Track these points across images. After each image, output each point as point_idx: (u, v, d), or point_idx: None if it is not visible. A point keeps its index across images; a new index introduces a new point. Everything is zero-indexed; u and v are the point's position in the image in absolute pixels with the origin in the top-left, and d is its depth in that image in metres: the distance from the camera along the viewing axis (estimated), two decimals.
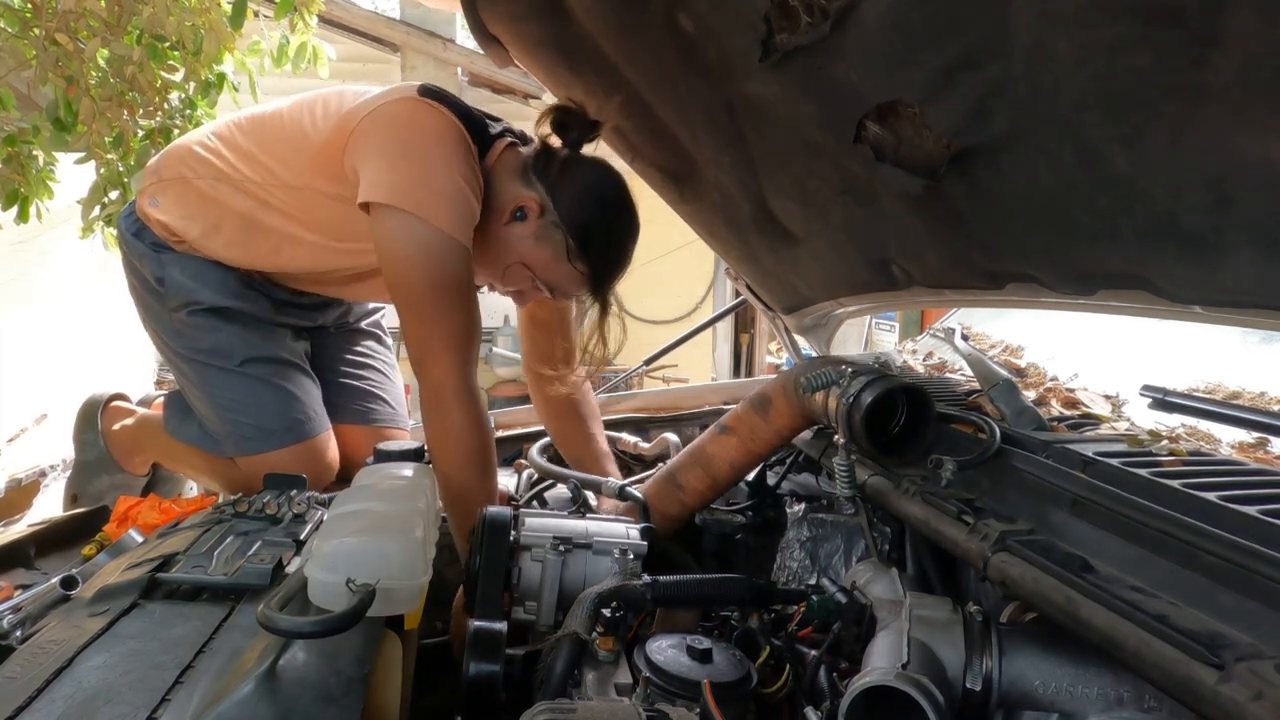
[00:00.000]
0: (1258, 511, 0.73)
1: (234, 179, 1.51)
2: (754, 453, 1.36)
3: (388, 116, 1.36)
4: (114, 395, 1.93)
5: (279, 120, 1.52)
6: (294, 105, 1.53)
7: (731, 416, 1.39)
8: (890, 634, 0.87)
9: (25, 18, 2.54)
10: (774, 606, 1.17)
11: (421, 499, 1.03)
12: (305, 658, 0.78)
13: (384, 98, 1.39)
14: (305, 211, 1.50)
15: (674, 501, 1.40)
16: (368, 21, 6.57)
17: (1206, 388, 1.45)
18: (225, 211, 1.53)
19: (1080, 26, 0.69)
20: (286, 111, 1.53)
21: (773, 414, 1.32)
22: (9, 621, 0.93)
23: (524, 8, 1.28)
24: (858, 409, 1.11)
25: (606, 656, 0.90)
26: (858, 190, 1.13)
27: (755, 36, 0.96)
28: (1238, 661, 0.60)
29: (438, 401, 1.34)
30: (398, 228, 1.31)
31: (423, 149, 1.33)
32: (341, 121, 1.41)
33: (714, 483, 1.38)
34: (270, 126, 1.53)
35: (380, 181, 1.32)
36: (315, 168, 1.45)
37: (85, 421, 1.86)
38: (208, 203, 1.53)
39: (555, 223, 1.39)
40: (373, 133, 1.36)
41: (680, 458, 1.44)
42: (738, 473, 1.38)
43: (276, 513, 1.16)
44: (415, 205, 1.30)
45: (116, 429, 1.85)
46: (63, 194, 2.80)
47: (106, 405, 1.89)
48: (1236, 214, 0.71)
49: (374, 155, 1.35)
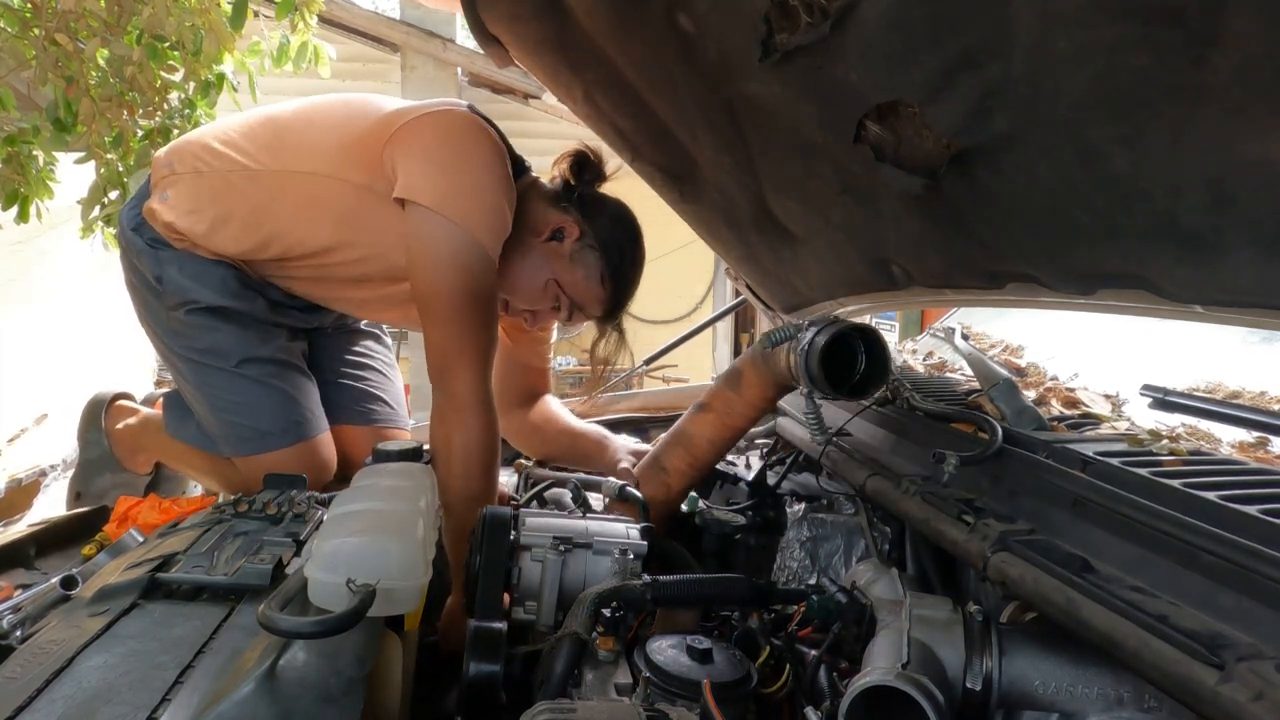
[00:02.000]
0: (1258, 511, 0.73)
1: (251, 168, 1.51)
2: (731, 426, 1.39)
3: (442, 123, 1.40)
4: (118, 394, 1.93)
5: (307, 113, 1.56)
6: (324, 101, 1.57)
7: (707, 393, 1.43)
8: (890, 634, 0.87)
9: (25, 18, 2.54)
10: (774, 606, 1.17)
11: (422, 499, 1.03)
12: (305, 658, 0.78)
13: (438, 105, 1.44)
14: (322, 201, 1.50)
15: (659, 485, 1.44)
16: (368, 21, 6.57)
17: (1206, 388, 1.44)
18: (237, 203, 1.52)
19: (1080, 26, 0.69)
20: (316, 105, 1.56)
21: (744, 386, 1.36)
22: (9, 621, 0.93)
23: (524, 8, 1.28)
24: (814, 354, 1.16)
25: (606, 656, 0.90)
26: (858, 190, 1.13)
27: (755, 36, 0.96)
28: (1238, 661, 0.60)
29: (459, 412, 1.35)
30: (438, 233, 1.33)
31: (471, 161, 1.38)
32: (388, 118, 1.43)
33: (694, 460, 1.42)
34: (298, 118, 1.56)
35: (425, 185, 1.34)
36: (348, 157, 1.47)
37: (89, 420, 1.87)
38: (219, 194, 1.53)
39: (591, 245, 1.48)
40: (423, 134, 1.39)
41: (663, 440, 1.47)
42: (717, 449, 1.42)
43: (276, 513, 1.16)
44: (458, 214, 1.33)
45: (120, 428, 1.86)
46: (63, 194, 2.80)
47: (110, 404, 1.89)
48: (1236, 214, 0.71)
49: (420, 157, 1.37)
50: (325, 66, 3.16)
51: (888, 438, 1.32)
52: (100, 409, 1.87)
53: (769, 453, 1.69)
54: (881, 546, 1.19)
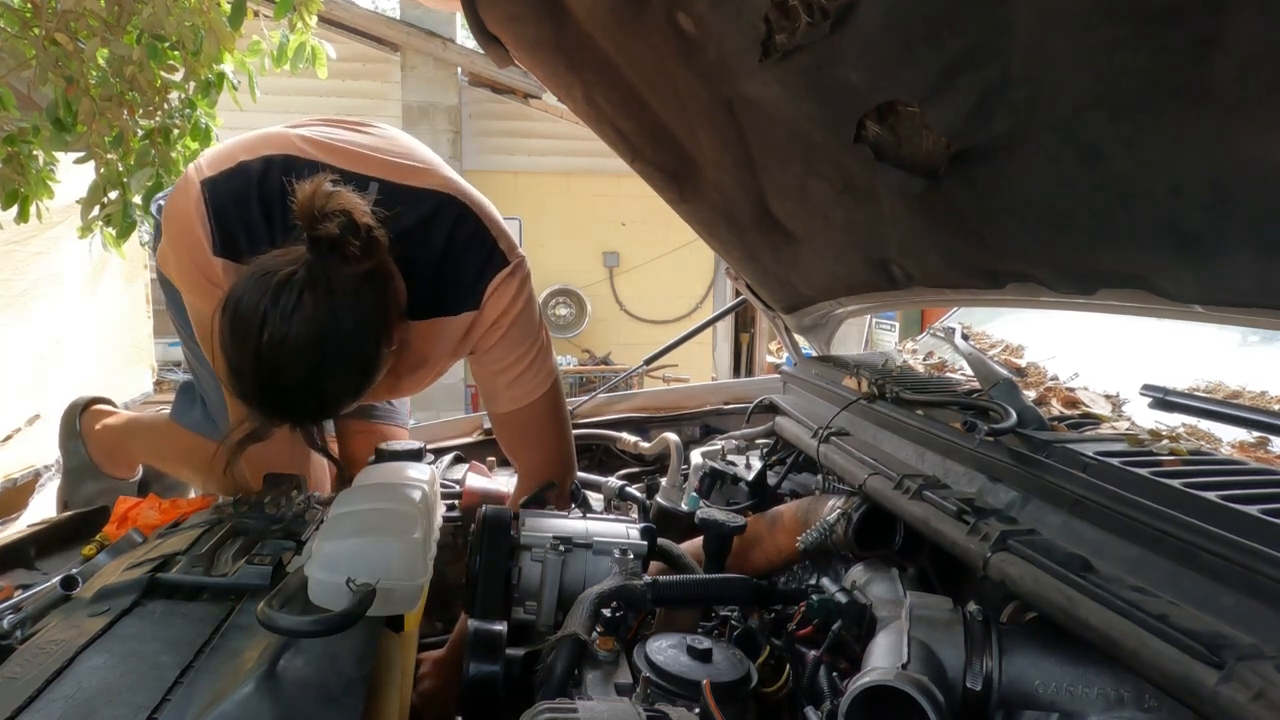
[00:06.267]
0: (1258, 511, 0.73)
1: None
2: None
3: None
4: (93, 399, 1.91)
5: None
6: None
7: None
8: (890, 634, 0.87)
9: (25, 18, 2.53)
10: (774, 606, 1.17)
11: (422, 499, 1.03)
12: (305, 658, 0.78)
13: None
14: None
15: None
16: (368, 21, 6.58)
17: (1206, 388, 1.44)
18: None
19: (1080, 26, 0.69)
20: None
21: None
22: (9, 621, 0.93)
23: (524, 8, 1.28)
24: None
25: (606, 656, 0.90)
26: (858, 190, 1.13)
27: (755, 36, 0.96)
28: (1238, 661, 0.60)
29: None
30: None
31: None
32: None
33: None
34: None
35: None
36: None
37: (66, 429, 1.85)
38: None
39: None
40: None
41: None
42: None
43: (276, 513, 1.16)
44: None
45: (99, 428, 1.83)
46: (62, 194, 2.80)
47: (85, 409, 1.87)
48: (1236, 214, 0.71)
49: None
50: (323, 68, 3.15)
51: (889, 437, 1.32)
52: (74, 416, 1.85)
53: (769, 453, 1.69)
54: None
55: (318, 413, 1.13)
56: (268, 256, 1.07)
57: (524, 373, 1.37)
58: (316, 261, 1.04)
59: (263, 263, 1.06)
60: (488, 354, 1.36)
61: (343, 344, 1.05)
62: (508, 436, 1.47)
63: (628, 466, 1.95)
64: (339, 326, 1.04)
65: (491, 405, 1.42)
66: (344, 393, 1.10)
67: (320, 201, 1.04)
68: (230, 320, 1.04)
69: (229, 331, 1.04)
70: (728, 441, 1.70)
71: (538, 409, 1.40)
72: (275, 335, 1.01)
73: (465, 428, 2.12)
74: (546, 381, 1.40)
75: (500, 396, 1.39)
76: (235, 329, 1.03)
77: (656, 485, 1.67)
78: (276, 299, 1.01)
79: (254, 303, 1.02)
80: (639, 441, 1.95)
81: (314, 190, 1.04)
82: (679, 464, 1.66)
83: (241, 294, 1.04)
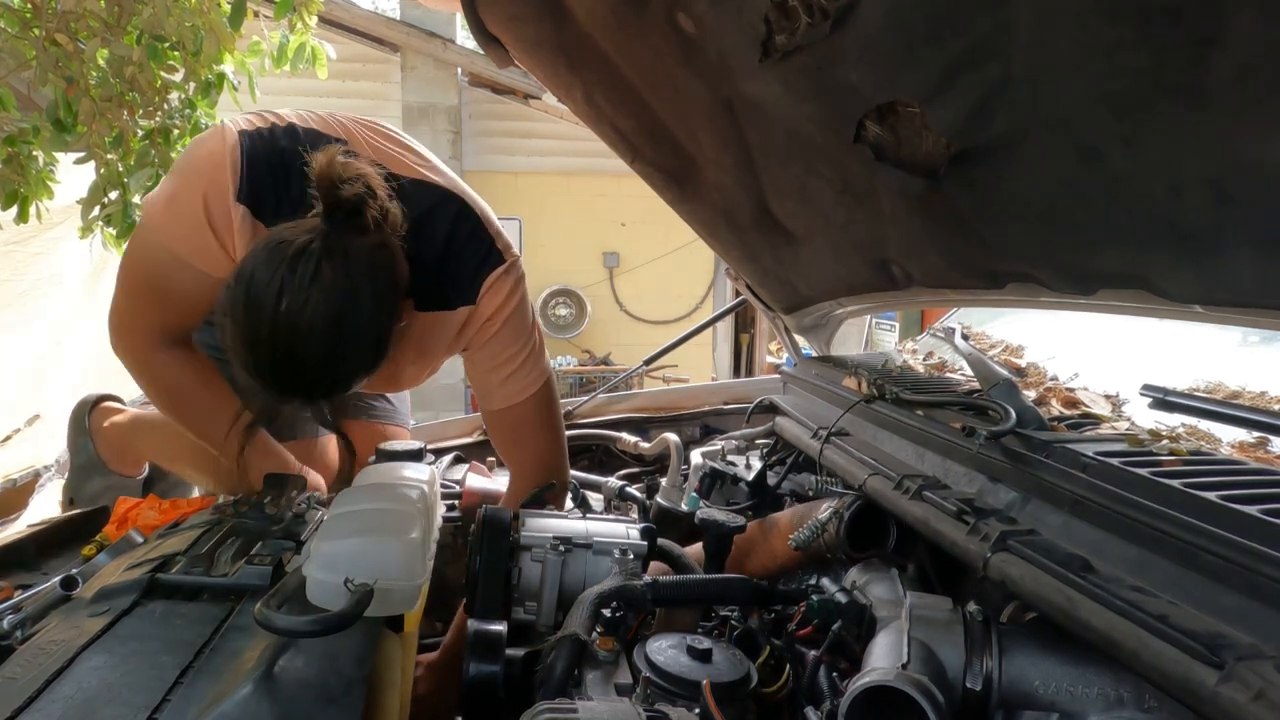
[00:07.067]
0: (1258, 511, 0.73)
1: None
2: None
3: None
4: (103, 396, 1.92)
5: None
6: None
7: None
8: (890, 634, 0.87)
9: (25, 18, 2.53)
10: (774, 606, 1.17)
11: (421, 499, 1.03)
12: (305, 658, 0.78)
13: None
14: None
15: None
16: (368, 21, 6.57)
17: (1206, 388, 1.44)
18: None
19: (1080, 26, 0.69)
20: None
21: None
22: (9, 621, 0.93)
23: (524, 8, 1.28)
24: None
25: (606, 656, 0.90)
26: (858, 190, 1.13)
27: (755, 36, 0.96)
28: (1238, 661, 0.60)
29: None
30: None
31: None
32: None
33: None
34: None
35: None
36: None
37: (75, 426, 1.85)
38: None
39: None
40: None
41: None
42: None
43: (276, 513, 1.16)
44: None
45: (107, 425, 1.84)
46: (62, 194, 2.80)
47: (95, 406, 1.88)
48: (1236, 214, 0.71)
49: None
50: (323, 68, 3.15)
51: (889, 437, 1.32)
52: (84, 413, 1.86)
53: (769, 453, 1.69)
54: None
55: (332, 387, 1.10)
56: (280, 228, 1.06)
57: (517, 371, 1.38)
58: (332, 231, 1.03)
59: (276, 233, 1.05)
60: (482, 350, 1.37)
61: (360, 315, 1.04)
62: (500, 435, 1.48)
63: (628, 467, 1.96)
64: (357, 297, 1.03)
65: (485, 403, 1.43)
66: (359, 366, 1.09)
67: (339, 168, 1.04)
68: (245, 291, 1.01)
69: (243, 303, 1.01)
70: (728, 442, 1.71)
71: (530, 407, 1.40)
72: (293, 305, 0.99)
73: (465, 428, 2.12)
74: (539, 380, 1.41)
75: (494, 394, 1.40)
76: (250, 300, 1.00)
77: (656, 485, 1.68)
78: (294, 269, 0.99)
79: (270, 273, 0.99)
80: (639, 442, 1.95)
81: (332, 157, 1.04)
82: (679, 464, 1.66)
83: (255, 265, 1.02)
